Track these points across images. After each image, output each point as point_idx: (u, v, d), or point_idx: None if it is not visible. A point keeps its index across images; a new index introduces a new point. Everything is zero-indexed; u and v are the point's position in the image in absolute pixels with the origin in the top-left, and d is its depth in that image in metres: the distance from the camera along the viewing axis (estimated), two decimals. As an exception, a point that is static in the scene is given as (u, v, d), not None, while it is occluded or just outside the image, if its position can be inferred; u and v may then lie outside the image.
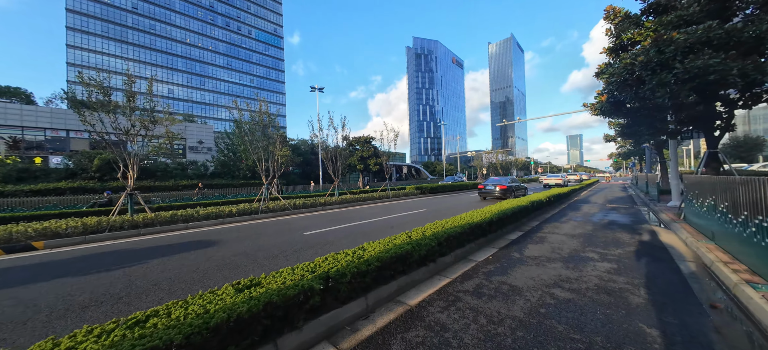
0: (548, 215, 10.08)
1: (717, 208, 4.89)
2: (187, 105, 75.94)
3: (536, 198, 9.99)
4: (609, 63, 7.45)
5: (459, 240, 4.94)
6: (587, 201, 15.01)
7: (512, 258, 5.01)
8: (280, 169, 27.66)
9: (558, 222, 8.70)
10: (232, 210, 9.74)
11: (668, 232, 6.88)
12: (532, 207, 8.87)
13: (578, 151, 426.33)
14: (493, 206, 8.10)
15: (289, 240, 6.86)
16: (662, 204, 11.22)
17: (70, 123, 29.80)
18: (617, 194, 18.85)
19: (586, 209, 11.61)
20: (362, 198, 15.66)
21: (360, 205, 14.41)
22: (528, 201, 9.10)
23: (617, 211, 10.84)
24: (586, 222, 8.49)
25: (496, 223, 6.36)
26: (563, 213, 10.61)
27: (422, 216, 10.52)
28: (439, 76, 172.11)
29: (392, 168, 61.96)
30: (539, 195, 10.79)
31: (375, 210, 12.37)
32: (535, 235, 6.86)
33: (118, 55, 68.40)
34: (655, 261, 4.75)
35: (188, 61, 77.42)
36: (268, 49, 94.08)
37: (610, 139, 18.42)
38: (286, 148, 27.09)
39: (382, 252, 3.62)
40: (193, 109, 76.79)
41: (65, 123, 30.11)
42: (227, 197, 19.66)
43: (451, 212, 11.25)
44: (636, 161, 32.72)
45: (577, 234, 6.84)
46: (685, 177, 7.01)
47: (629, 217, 9.39)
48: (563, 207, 12.43)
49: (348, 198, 14.96)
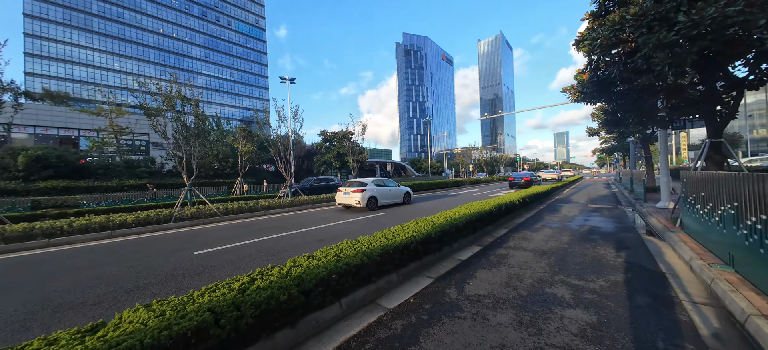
0: (521, 219, 8.51)
1: (741, 221, 3.31)
2: (161, 99, 71.58)
3: (506, 199, 8.39)
4: (591, 29, 5.88)
5: (362, 274, 3.19)
6: (568, 200, 13.63)
7: (443, 302, 3.29)
8: (244, 167, 25.46)
9: (529, 229, 7.10)
10: (128, 219, 7.71)
11: (665, 246, 5.35)
12: (498, 212, 7.23)
13: (565, 148, 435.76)
14: (452, 211, 6.43)
15: (153, 267, 4.95)
16: (650, 205, 9.86)
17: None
18: (600, 192, 17.66)
19: (565, 211, 10.14)
20: (322, 199, 13.81)
21: (313, 208, 12.55)
22: (495, 203, 7.47)
23: (600, 213, 9.40)
24: (563, 230, 6.92)
25: (439, 240, 4.65)
26: (539, 216, 9.08)
27: (375, 222, 8.78)
28: (428, 73, 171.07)
29: (376, 165, 60.26)
30: (512, 196, 9.21)
31: (325, 215, 10.56)
32: (495, 252, 5.19)
33: (83, 45, 63.57)
34: (655, 304, 3.13)
35: (161, 52, 72.98)
36: (249, 42, 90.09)
37: (594, 132, 17.15)
38: (250, 143, 24.84)
39: (210, 304, 1.81)
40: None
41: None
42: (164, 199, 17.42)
43: (414, 215, 9.57)
44: (620, 157, 32.06)
45: (548, 250, 5.22)
46: (684, 173, 5.50)
47: (613, 222, 7.91)
48: (541, 208, 10.94)
49: (302, 200, 13.07)
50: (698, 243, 4.80)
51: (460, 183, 26.94)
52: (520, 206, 9.12)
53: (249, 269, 4.56)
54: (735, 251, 3.53)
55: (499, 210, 7.33)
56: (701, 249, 4.50)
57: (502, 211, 7.55)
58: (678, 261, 4.48)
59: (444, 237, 4.78)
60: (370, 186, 11.20)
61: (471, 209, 6.54)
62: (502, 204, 7.65)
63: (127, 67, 67.82)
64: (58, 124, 33.89)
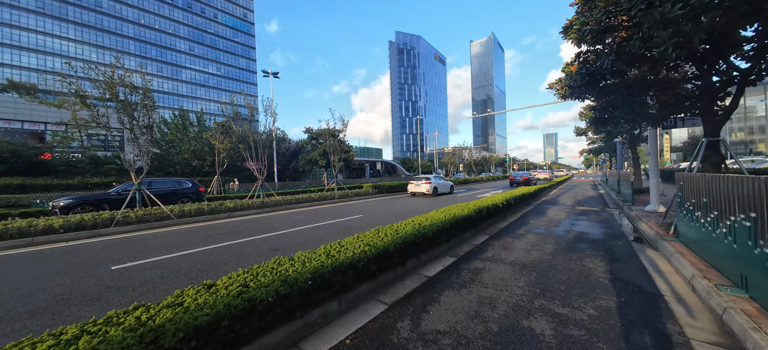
0: (504, 223, 7.86)
1: (761, 237, 2.66)
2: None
3: (489, 202, 7.72)
4: (581, 13, 5.23)
5: (277, 310, 2.38)
6: (555, 202, 13.14)
7: (387, 344, 2.52)
8: (222, 164, 24.21)
9: (512, 236, 6.43)
10: (56, 224, 6.65)
11: (659, 258, 4.74)
12: (478, 216, 6.53)
13: (554, 149, 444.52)
14: (423, 216, 5.69)
15: (42, 288, 4.01)
16: (638, 208, 9.39)
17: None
18: (587, 193, 17.34)
19: (551, 214, 9.56)
20: (298, 199, 12.90)
21: (286, 210, 11.64)
22: (475, 207, 6.77)
23: (587, 217, 8.85)
24: (548, 237, 6.28)
25: (401, 253, 3.88)
26: (523, 220, 8.45)
27: (352, 225, 7.97)
28: (421, 72, 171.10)
29: (366, 164, 59.35)
30: (496, 198, 8.56)
31: (299, 217, 9.69)
32: (469, 266, 4.47)
33: (57, 35, 60.18)
34: (657, 347, 2.44)
35: (142, 44, 69.95)
36: (237, 36, 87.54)
37: (581, 132, 16.75)
38: (228, 140, 23.62)
39: None
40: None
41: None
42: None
43: (394, 218, 8.81)
44: (606, 158, 32.22)
45: (530, 263, 4.53)
46: (680, 176, 4.91)
47: (601, 228, 7.34)
48: (527, 210, 10.36)
49: (275, 200, 12.14)
50: (698, 257, 4.19)
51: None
52: (504, 209, 8.47)
53: (166, 291, 3.70)
54: (750, 273, 2.88)
55: (479, 215, 6.63)
56: (703, 265, 3.88)
57: (483, 215, 6.87)
58: (677, 279, 3.85)
59: (407, 249, 4.02)
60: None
61: (446, 214, 5.81)
62: (483, 207, 6.96)
63: (105, 58, 64.64)
64: (22, 116, 31.66)
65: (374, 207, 12.58)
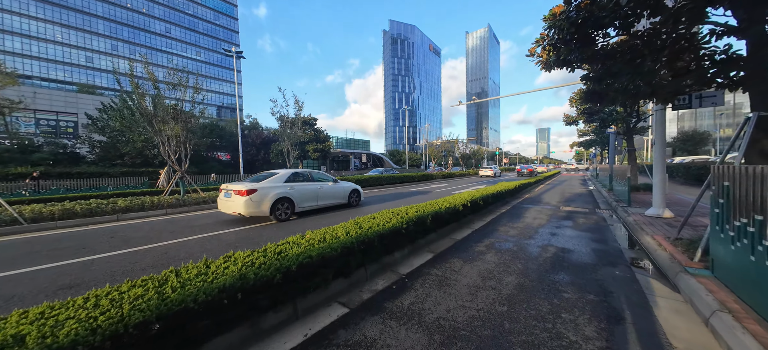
0: (464, 233, 5.88)
1: None
2: (112, 78, 64.18)
3: (449, 202, 5.73)
4: None
5: None
6: (538, 201, 11.28)
7: None
8: (174, 154, 21.68)
9: (464, 256, 4.44)
10: None
11: (688, 312, 2.80)
12: (418, 228, 4.50)
13: (546, 144, 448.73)
14: (320, 231, 3.65)
15: None
16: (636, 210, 7.57)
17: None
18: (576, 190, 15.60)
19: (530, 217, 7.64)
20: None
21: (205, 210, 9.45)
22: (421, 213, 4.77)
23: (573, 222, 6.96)
24: (515, 259, 4.31)
25: (241, 303, 1.81)
26: (491, 227, 6.48)
27: (252, 236, 5.88)
28: (415, 64, 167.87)
29: (350, 156, 57.04)
30: (461, 197, 6.58)
31: (201, 222, 7.57)
32: (360, 328, 2.45)
33: (16, 12, 55.08)
34: None
35: (112, 24, 65.10)
36: (218, 18, 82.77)
37: (572, 121, 14.79)
38: (178, 125, 20.99)
39: None
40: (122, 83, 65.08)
41: None
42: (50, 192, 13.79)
43: (329, 222, 6.77)
44: (597, 152, 30.72)
45: (468, 322, 2.53)
46: (722, 171, 2.96)
47: (591, 240, 5.44)
48: (502, 211, 8.43)
49: (197, 197, 9.96)
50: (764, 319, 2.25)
51: (429, 177, 24.41)
52: (469, 210, 6.48)
53: None
54: None
55: (420, 224, 4.62)
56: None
57: (429, 225, 4.85)
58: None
59: (260, 296, 1.97)
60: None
61: (361, 229, 3.77)
62: (433, 212, 4.96)
63: (71, 39, 59.85)
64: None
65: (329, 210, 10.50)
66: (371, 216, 4.57)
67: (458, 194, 7.50)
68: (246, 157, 28.43)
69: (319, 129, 31.32)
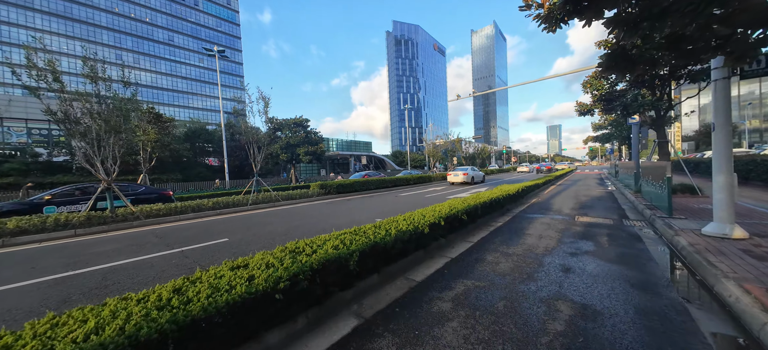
0: (432, 268, 3.94)
1: None
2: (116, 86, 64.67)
3: (373, 237, 3.83)
4: None
5: None
6: (547, 208, 9.16)
7: None
8: (150, 160, 20.39)
9: (405, 327, 2.50)
10: None
11: None
12: (296, 291, 2.63)
13: (557, 141, 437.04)
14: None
15: None
16: (684, 224, 5.45)
17: None
18: (593, 192, 13.27)
19: (534, 235, 5.60)
20: (176, 209, 9.12)
21: (134, 228, 7.82)
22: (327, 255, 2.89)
23: (595, 244, 4.89)
24: (496, 339, 2.35)
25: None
26: (472, 259, 4.49)
27: (203, 253, 4.13)
28: (420, 64, 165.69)
29: (350, 158, 55.44)
30: (423, 215, 4.65)
31: (110, 247, 5.89)
32: None
33: (23, 25, 56.29)
34: None
35: (117, 34, 65.94)
36: (220, 25, 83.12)
37: (585, 110, 12.38)
38: (153, 129, 19.69)
39: None
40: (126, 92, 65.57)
41: None
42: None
43: (265, 243, 4.98)
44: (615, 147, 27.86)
45: None
46: None
47: (630, 292, 3.40)
48: (499, 224, 6.41)
49: (125, 212, 8.34)
50: None
51: (426, 179, 22.37)
52: (445, 230, 4.53)
53: None
54: None
55: (337, 272, 2.72)
56: None
57: (351, 269, 2.93)
58: None
59: None
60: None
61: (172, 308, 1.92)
62: (368, 246, 3.06)
63: (75, 50, 60.80)
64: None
65: (271, 221, 8.75)
66: (214, 272, 2.65)
67: (439, 205, 5.58)
68: (235, 162, 27.09)
69: (312, 131, 29.58)
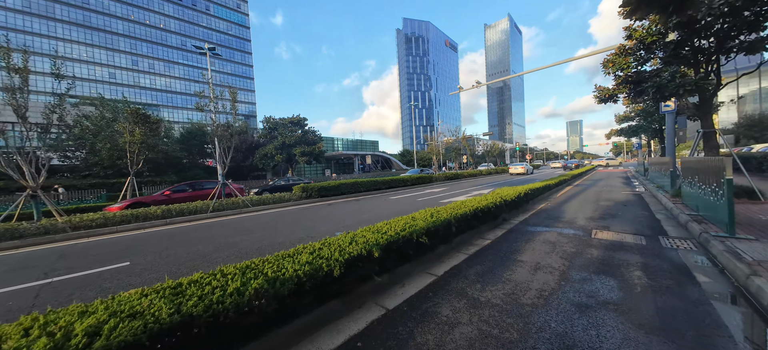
0: (340, 338, 2.38)
1: None
2: (135, 91, 66.97)
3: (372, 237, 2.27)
4: None
5: None
6: (556, 217, 7.27)
7: None
8: (137, 163, 19.78)
9: None
10: None
11: None
12: None
13: (578, 137, 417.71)
14: None
15: None
16: (755, 246, 3.59)
17: None
18: (617, 196, 11.06)
19: (526, 267, 3.88)
20: (132, 216, 8.01)
21: (81, 239, 6.70)
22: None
23: (621, 302, 3.13)
24: None
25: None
26: (425, 306, 2.88)
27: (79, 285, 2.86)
28: (431, 61, 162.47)
29: (354, 157, 54.13)
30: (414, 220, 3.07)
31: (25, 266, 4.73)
32: None
33: (44, 34, 59.12)
34: None
35: (132, 40, 68.10)
36: (231, 28, 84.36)
37: (607, 95, 9.87)
38: (139, 130, 19.03)
39: None
40: (142, 95, 67.81)
41: None
42: None
43: (171, 270, 3.64)
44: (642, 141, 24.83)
45: None
46: None
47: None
48: (486, 243, 4.72)
49: (54, 224, 7.25)
50: None
51: (427, 180, 20.60)
52: (372, 265, 2.96)
53: None
54: None
55: None
56: None
57: None
58: None
59: None
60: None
61: None
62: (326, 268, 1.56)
63: (94, 56, 63.30)
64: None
65: (206, 240, 7.41)
66: None
67: (422, 211, 3.99)
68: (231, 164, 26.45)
69: (309, 130, 28.45)
